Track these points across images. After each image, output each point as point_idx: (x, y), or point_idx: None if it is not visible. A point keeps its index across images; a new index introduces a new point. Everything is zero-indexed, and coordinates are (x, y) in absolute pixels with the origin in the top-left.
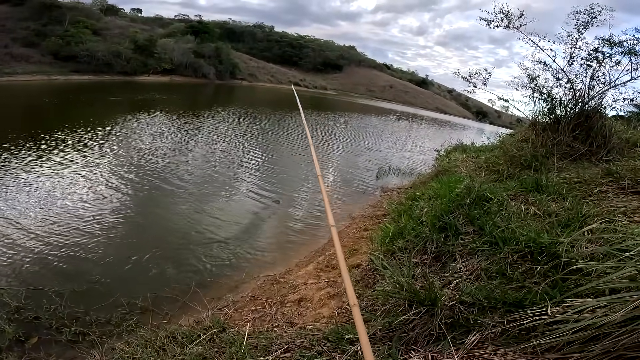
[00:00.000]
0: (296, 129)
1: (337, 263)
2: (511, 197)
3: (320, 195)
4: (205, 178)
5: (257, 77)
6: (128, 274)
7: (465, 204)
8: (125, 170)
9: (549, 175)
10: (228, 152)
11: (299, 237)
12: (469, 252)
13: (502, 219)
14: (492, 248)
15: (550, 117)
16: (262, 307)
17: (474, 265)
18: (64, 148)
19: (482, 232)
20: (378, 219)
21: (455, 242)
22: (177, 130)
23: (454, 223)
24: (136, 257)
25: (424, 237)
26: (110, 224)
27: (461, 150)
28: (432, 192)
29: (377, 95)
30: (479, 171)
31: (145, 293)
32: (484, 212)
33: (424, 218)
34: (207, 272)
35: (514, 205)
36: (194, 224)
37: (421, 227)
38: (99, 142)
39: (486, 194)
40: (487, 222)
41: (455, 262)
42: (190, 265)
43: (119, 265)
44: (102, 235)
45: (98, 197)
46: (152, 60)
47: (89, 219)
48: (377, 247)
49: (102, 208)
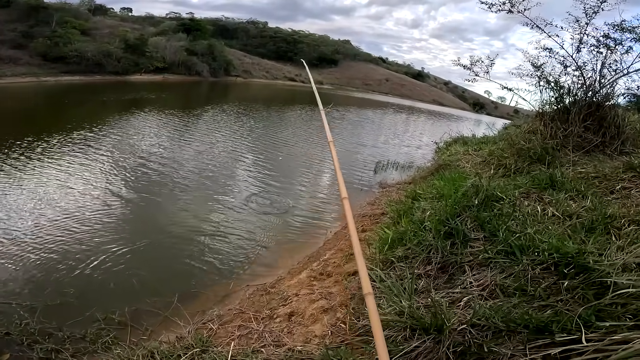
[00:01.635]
0: (290, 125)
1: (331, 271)
2: (523, 195)
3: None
4: (197, 179)
5: (251, 74)
6: (105, 286)
7: (473, 206)
8: (108, 171)
9: (563, 170)
10: (220, 152)
11: (293, 241)
12: (481, 263)
13: (517, 222)
14: (508, 259)
15: (559, 107)
16: (249, 323)
17: (487, 279)
18: (38, 153)
19: (494, 239)
20: (376, 218)
21: (464, 251)
22: (171, 131)
23: (462, 228)
24: (114, 267)
25: (428, 245)
26: (86, 231)
27: (462, 143)
28: (435, 191)
29: (373, 89)
30: (483, 165)
31: (123, 306)
32: (494, 215)
33: (427, 223)
34: (192, 282)
35: (527, 205)
36: (179, 229)
37: (424, 233)
38: (77, 146)
39: (496, 193)
40: (500, 226)
41: (464, 275)
42: (174, 274)
43: (96, 276)
44: (76, 243)
45: (74, 202)
46: (144, 59)
47: (63, 225)
48: (375, 255)
49: (78, 214)
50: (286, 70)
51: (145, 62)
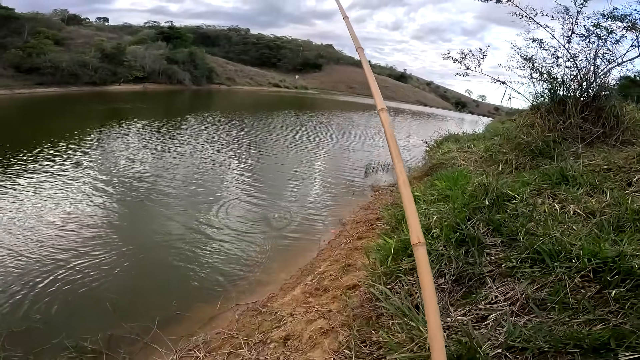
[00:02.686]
0: (275, 132)
1: (328, 285)
2: (534, 193)
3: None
4: (179, 192)
5: (235, 81)
6: (77, 310)
7: (484, 207)
8: (82, 188)
9: (572, 163)
10: (203, 163)
11: (284, 253)
12: (504, 273)
13: (536, 223)
14: (536, 267)
15: (553, 99)
16: (240, 350)
17: (516, 291)
18: (8, 169)
19: (514, 244)
20: (372, 224)
21: (481, 259)
22: (151, 142)
23: (476, 234)
24: (86, 289)
25: (438, 255)
26: (55, 250)
27: (453, 140)
28: (436, 193)
29: (358, 92)
30: (481, 162)
31: (97, 332)
32: (509, 216)
33: (435, 230)
34: (173, 303)
35: (542, 203)
36: (159, 246)
37: (432, 241)
38: (47, 162)
39: (507, 192)
40: (518, 229)
41: (486, 288)
42: (154, 295)
43: (66, 299)
44: (44, 263)
45: (43, 219)
46: (122, 68)
47: (31, 244)
48: (376, 267)
49: (47, 231)
50: (270, 76)
51: (124, 72)
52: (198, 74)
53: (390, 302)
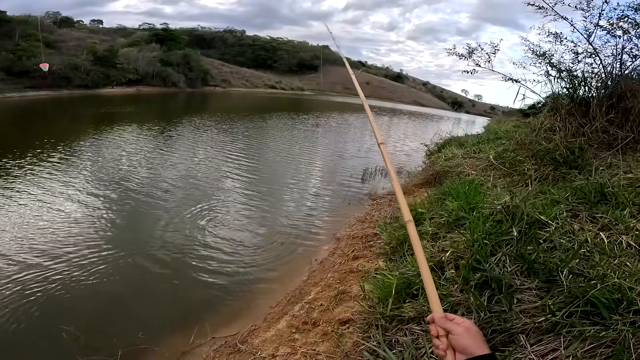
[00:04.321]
0: (270, 136)
1: (318, 318)
2: (569, 215)
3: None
4: (164, 199)
5: (231, 83)
6: (26, 339)
7: (513, 239)
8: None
9: (608, 178)
10: (187, 171)
11: (270, 273)
12: (542, 328)
13: (581, 259)
14: (588, 319)
15: (574, 99)
16: None
17: (560, 353)
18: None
19: (552, 288)
20: (369, 240)
21: (511, 309)
22: (141, 148)
23: (503, 274)
24: (38, 317)
25: (453, 303)
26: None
27: (457, 145)
28: (446, 214)
29: (354, 93)
30: (491, 171)
31: None
32: (543, 250)
33: (449, 270)
34: (141, 334)
35: (580, 230)
36: (131, 259)
37: (446, 284)
38: (36, 168)
39: (538, 217)
40: (559, 267)
41: (518, 347)
42: (119, 321)
43: (15, 329)
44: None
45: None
46: (115, 71)
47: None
48: (376, 308)
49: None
50: (266, 77)
51: (117, 75)
52: (193, 76)
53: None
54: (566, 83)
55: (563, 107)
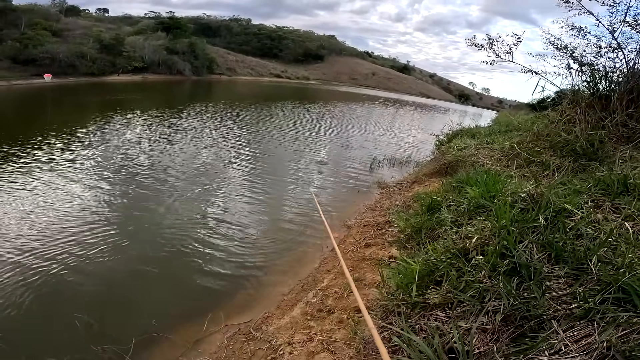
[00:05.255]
0: (277, 122)
1: (333, 305)
2: (593, 205)
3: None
4: (175, 184)
5: (236, 71)
6: (40, 327)
7: (540, 226)
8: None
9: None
10: (199, 156)
11: (282, 260)
12: (574, 315)
13: (610, 248)
14: (621, 307)
15: (594, 92)
16: None
17: (594, 338)
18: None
19: (582, 276)
20: (380, 228)
21: (543, 295)
22: (146, 134)
23: (532, 262)
24: (52, 306)
25: (481, 289)
26: (24, 246)
27: (469, 135)
28: (465, 201)
29: (360, 83)
30: (507, 161)
31: (63, 356)
32: (570, 238)
33: (475, 255)
34: (155, 321)
35: (604, 219)
36: (144, 245)
37: (473, 271)
38: (43, 154)
39: (564, 206)
40: (589, 255)
41: (550, 333)
42: (133, 309)
43: (28, 313)
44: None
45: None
46: (121, 59)
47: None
48: (396, 295)
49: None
50: (272, 66)
51: (123, 62)
52: (198, 64)
53: (413, 346)
54: (587, 77)
55: (583, 100)
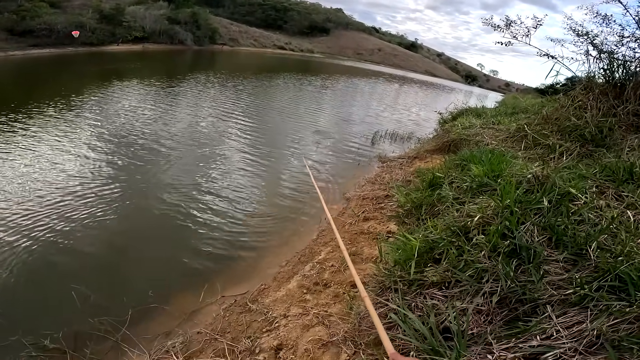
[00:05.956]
0: (277, 93)
1: (329, 279)
2: (596, 191)
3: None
4: (173, 151)
5: (239, 42)
6: (36, 298)
7: (543, 209)
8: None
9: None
10: (199, 126)
11: (279, 231)
12: (568, 301)
13: (610, 235)
14: (615, 296)
15: (609, 80)
16: (224, 358)
17: (587, 326)
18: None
19: (580, 262)
20: (379, 202)
21: (540, 279)
22: (145, 103)
23: (532, 244)
24: (47, 276)
25: (479, 270)
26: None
27: (475, 115)
28: (469, 178)
29: (365, 58)
30: (513, 142)
31: (60, 328)
32: (571, 223)
33: (476, 235)
34: (151, 292)
35: (606, 206)
36: (141, 213)
37: (473, 250)
38: (44, 121)
39: (569, 190)
40: (589, 241)
41: (543, 318)
42: (129, 280)
43: (25, 284)
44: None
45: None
46: (121, 29)
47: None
48: (393, 271)
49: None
50: (275, 38)
51: (123, 32)
52: (200, 34)
53: (409, 322)
54: (605, 64)
55: (597, 86)
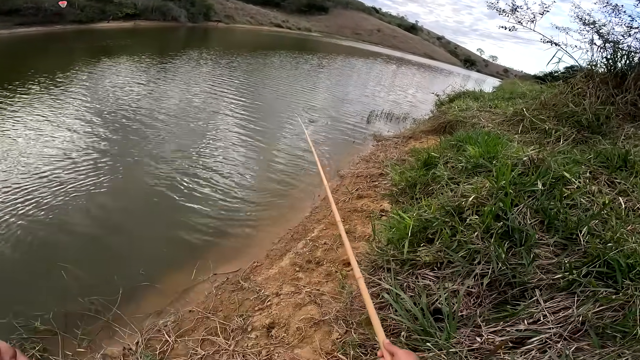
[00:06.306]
0: (268, 73)
1: (322, 257)
2: (590, 177)
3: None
4: (164, 126)
5: (234, 19)
6: (24, 278)
7: (537, 191)
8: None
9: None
10: (191, 103)
11: (272, 207)
12: (557, 286)
13: (601, 221)
14: (603, 283)
15: (611, 69)
16: (216, 337)
17: (573, 311)
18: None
19: (570, 246)
20: (374, 180)
21: (531, 263)
22: (133, 82)
23: (525, 227)
24: (35, 254)
25: (472, 251)
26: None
27: (472, 98)
28: (464, 159)
29: (363, 39)
30: (509, 126)
31: (50, 309)
32: (564, 207)
33: (470, 215)
34: (143, 270)
35: (598, 192)
36: (131, 188)
37: (466, 230)
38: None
39: (563, 174)
40: (580, 226)
41: (531, 302)
42: (119, 258)
43: (10, 264)
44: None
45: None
46: (112, 6)
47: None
48: (386, 250)
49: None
50: (272, 15)
51: (113, 9)
52: (195, 10)
53: (400, 303)
54: (609, 53)
55: (598, 75)
